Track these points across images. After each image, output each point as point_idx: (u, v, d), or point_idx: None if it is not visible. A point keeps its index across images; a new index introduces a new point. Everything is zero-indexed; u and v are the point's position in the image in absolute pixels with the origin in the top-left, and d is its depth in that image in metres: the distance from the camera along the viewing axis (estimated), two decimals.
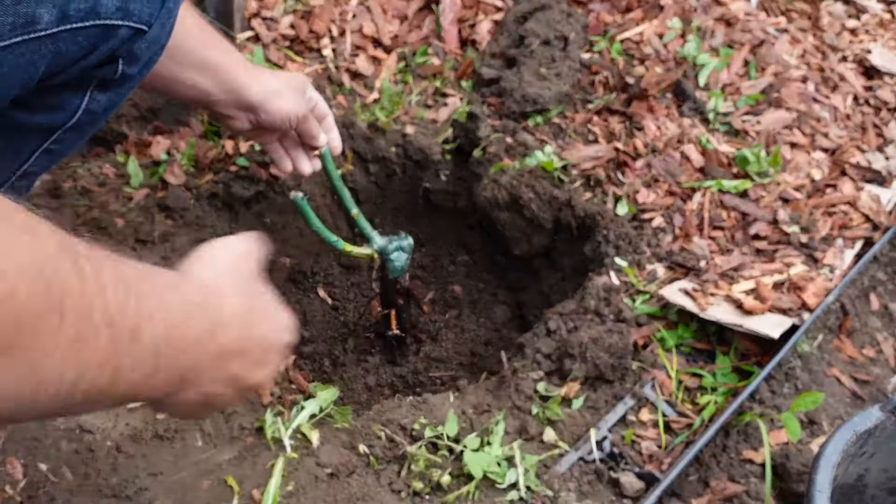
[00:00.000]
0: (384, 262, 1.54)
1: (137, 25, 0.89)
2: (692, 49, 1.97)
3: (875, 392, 1.49)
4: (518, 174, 1.77)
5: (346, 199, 1.44)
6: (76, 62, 0.87)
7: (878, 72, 2.08)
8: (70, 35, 0.84)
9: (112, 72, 0.91)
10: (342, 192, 1.43)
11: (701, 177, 1.75)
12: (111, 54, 0.89)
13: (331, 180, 1.42)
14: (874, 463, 1.16)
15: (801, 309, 1.46)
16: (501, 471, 1.25)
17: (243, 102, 1.25)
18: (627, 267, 1.59)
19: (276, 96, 1.27)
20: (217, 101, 1.23)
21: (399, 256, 1.52)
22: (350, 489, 1.23)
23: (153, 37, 0.92)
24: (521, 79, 1.86)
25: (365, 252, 1.49)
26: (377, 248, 1.50)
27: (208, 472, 1.24)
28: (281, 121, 1.30)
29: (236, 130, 1.35)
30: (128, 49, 0.90)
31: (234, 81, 1.22)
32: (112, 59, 0.90)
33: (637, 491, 1.25)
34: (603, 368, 1.39)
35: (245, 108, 1.27)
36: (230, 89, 1.22)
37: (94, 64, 0.88)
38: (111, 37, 0.87)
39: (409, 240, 1.54)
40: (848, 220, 1.69)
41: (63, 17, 0.82)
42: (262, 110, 1.27)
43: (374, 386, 1.75)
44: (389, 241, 1.51)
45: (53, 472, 1.19)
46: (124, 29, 0.87)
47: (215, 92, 1.21)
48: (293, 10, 2.03)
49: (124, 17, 0.87)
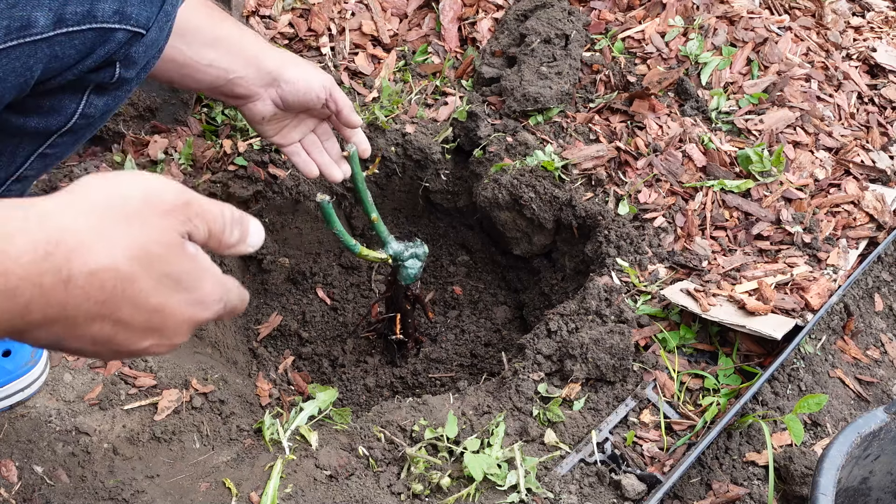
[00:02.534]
0: (397, 267, 1.53)
1: (135, 29, 0.87)
2: (694, 47, 1.96)
3: (880, 394, 1.47)
4: (518, 174, 1.76)
5: (367, 202, 1.40)
6: (72, 66, 0.85)
7: (883, 70, 2.07)
8: (66, 39, 0.82)
9: (109, 75, 0.90)
10: (365, 195, 1.39)
11: (703, 176, 1.74)
12: (108, 58, 0.87)
13: (355, 183, 1.37)
14: (879, 465, 1.15)
15: (804, 310, 1.44)
16: (502, 473, 1.24)
17: (263, 72, 1.18)
18: (629, 267, 1.58)
19: (294, 64, 1.21)
20: (236, 78, 1.17)
21: (413, 264, 1.52)
22: (349, 491, 1.22)
23: (151, 40, 0.90)
24: (522, 77, 1.85)
25: (380, 256, 1.48)
26: (392, 253, 1.49)
27: (206, 475, 1.23)
28: (306, 89, 1.22)
29: (260, 117, 1.25)
30: (125, 53, 0.88)
31: (249, 51, 1.16)
32: (109, 63, 0.89)
33: (638, 493, 1.24)
34: (604, 369, 1.38)
35: (266, 82, 1.20)
36: (247, 60, 1.16)
37: (91, 68, 0.87)
38: (108, 40, 0.86)
39: (425, 248, 1.52)
40: (852, 220, 1.68)
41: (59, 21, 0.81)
42: (283, 80, 1.20)
43: (374, 387, 1.74)
44: (406, 247, 1.50)
45: (49, 474, 1.18)
46: (121, 32, 0.86)
47: (233, 67, 1.15)
48: (291, 7, 2.02)
49: (121, 20, 0.85)
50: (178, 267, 0.60)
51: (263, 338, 1.83)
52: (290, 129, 1.32)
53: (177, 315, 0.62)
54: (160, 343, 0.63)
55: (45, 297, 0.55)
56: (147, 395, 1.30)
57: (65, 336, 0.59)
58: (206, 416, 1.31)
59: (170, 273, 0.60)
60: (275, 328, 1.85)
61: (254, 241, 0.68)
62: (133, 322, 0.60)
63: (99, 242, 0.56)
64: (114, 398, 1.28)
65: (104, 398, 1.28)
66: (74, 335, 0.59)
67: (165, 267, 0.60)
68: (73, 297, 0.56)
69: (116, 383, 1.31)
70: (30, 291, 0.54)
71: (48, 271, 0.54)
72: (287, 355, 1.77)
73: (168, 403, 1.29)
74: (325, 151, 1.36)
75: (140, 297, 0.59)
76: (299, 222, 1.89)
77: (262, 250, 1.84)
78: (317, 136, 1.36)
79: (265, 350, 1.78)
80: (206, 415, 1.31)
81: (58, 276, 0.55)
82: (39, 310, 0.55)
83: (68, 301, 0.56)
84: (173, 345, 0.65)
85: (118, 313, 0.59)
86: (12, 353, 1.22)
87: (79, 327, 0.58)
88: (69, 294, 0.55)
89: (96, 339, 0.60)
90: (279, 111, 1.27)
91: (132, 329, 0.61)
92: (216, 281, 0.65)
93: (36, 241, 0.54)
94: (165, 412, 1.28)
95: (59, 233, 0.55)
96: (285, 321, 1.86)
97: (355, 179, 1.37)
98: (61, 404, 1.26)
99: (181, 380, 1.34)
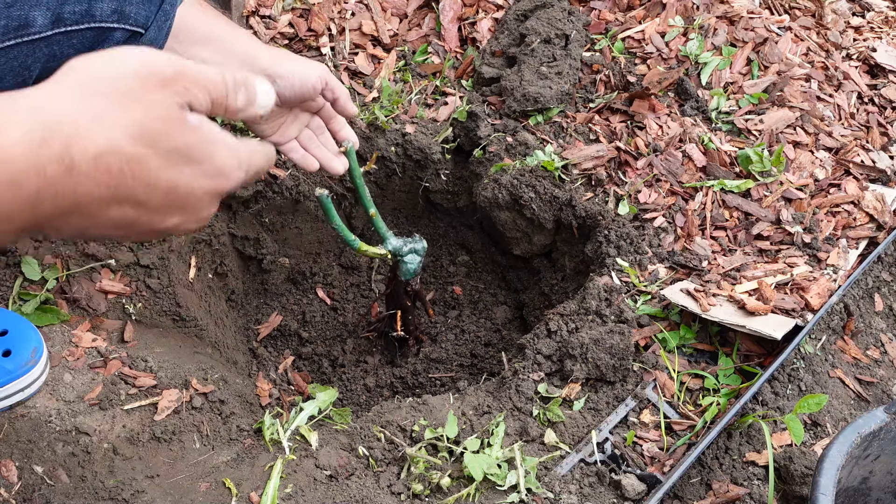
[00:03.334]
0: (397, 263, 1.53)
1: (133, 28, 0.87)
2: (694, 47, 1.96)
3: (879, 394, 1.47)
4: (518, 174, 1.76)
5: (365, 197, 1.41)
6: None
7: (883, 70, 2.07)
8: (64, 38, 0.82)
9: None
10: (363, 190, 1.40)
11: (703, 176, 1.74)
12: None
13: (353, 178, 1.39)
14: (879, 465, 1.15)
15: (804, 310, 1.44)
16: (502, 473, 1.24)
17: (257, 70, 1.16)
18: (629, 267, 1.58)
19: (288, 60, 1.21)
20: None
21: (413, 259, 1.52)
22: (349, 491, 1.22)
23: (149, 39, 0.90)
24: (522, 77, 1.85)
25: (380, 252, 1.48)
26: (391, 248, 1.49)
27: (206, 475, 1.23)
28: (301, 82, 1.21)
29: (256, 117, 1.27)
30: None
31: (242, 49, 1.16)
32: None
33: (638, 493, 1.24)
34: (604, 369, 1.38)
35: None
36: (241, 59, 1.15)
37: None
38: (106, 40, 0.86)
39: (423, 243, 1.52)
40: (852, 220, 1.68)
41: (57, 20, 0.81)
42: (277, 76, 1.19)
43: (374, 387, 1.74)
44: (404, 242, 1.51)
45: (49, 474, 1.18)
46: (120, 32, 0.86)
47: (226, 66, 1.13)
48: (291, 7, 2.02)
49: (120, 19, 0.85)
50: (182, 140, 0.59)
51: (263, 338, 1.83)
52: (287, 126, 1.32)
53: (195, 189, 0.61)
54: (187, 219, 0.63)
55: (53, 187, 0.54)
56: (147, 395, 1.30)
57: (86, 225, 0.58)
58: (206, 416, 1.31)
59: (175, 148, 0.59)
60: (275, 328, 1.85)
61: (263, 101, 0.66)
62: (151, 202, 0.59)
63: (96, 125, 0.55)
64: (114, 398, 1.28)
65: (104, 398, 1.28)
66: (95, 223, 0.58)
67: (170, 142, 0.58)
68: (81, 185, 0.55)
69: (116, 383, 1.31)
70: (35, 182, 0.53)
71: (50, 160, 0.53)
72: (287, 355, 1.77)
73: (168, 403, 1.29)
74: (322, 146, 1.36)
75: (151, 177, 0.58)
76: (299, 222, 1.89)
77: (263, 250, 1.84)
78: (312, 132, 1.36)
79: (265, 350, 1.78)
80: (206, 415, 1.31)
81: (60, 164, 0.54)
82: (50, 200, 0.55)
83: (77, 189, 0.55)
84: (202, 219, 0.64)
85: (135, 195, 0.58)
86: (12, 353, 1.22)
87: (97, 215, 0.57)
88: (76, 182, 0.55)
89: (119, 223, 0.59)
90: (276, 108, 1.26)
91: (153, 209, 0.60)
92: (229, 149, 0.63)
93: (32, 131, 0.53)
94: (165, 412, 1.28)
95: (53, 121, 0.54)
96: (285, 321, 1.86)
97: (353, 175, 1.37)
98: (61, 404, 1.26)
99: (181, 380, 1.34)
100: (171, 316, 1.50)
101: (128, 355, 1.35)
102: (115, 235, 0.61)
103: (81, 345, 1.34)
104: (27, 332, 1.25)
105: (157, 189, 0.59)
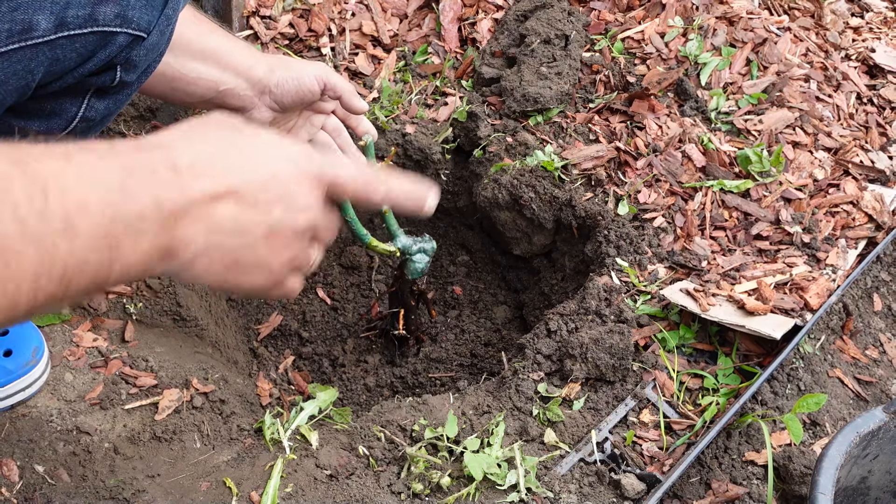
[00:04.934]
0: (405, 261, 1.53)
1: (136, 32, 0.87)
2: (694, 48, 1.96)
3: (878, 393, 1.48)
4: (518, 174, 1.76)
5: None
6: (74, 69, 0.85)
7: (882, 70, 2.07)
8: (68, 42, 0.82)
9: (110, 79, 0.90)
10: None
11: (702, 176, 1.74)
12: (109, 61, 0.87)
13: None
14: (878, 465, 1.16)
15: (803, 309, 1.45)
16: (502, 472, 1.24)
17: (254, 81, 1.17)
18: (628, 267, 1.58)
19: (283, 67, 1.19)
20: (226, 90, 1.15)
21: (421, 258, 1.52)
22: (349, 490, 1.22)
23: (152, 43, 0.90)
24: (522, 78, 1.85)
25: (389, 249, 1.48)
26: (401, 246, 1.49)
27: (207, 474, 1.23)
28: (297, 86, 1.19)
29: (259, 124, 1.20)
30: (126, 56, 0.88)
31: (238, 61, 1.15)
32: (110, 66, 0.89)
33: (638, 492, 1.25)
34: (604, 369, 1.38)
35: (259, 90, 1.18)
36: (237, 71, 1.15)
37: (92, 71, 0.87)
38: (109, 44, 0.86)
39: (433, 243, 1.52)
40: (851, 220, 1.68)
41: (61, 24, 0.81)
42: (272, 84, 1.18)
43: (374, 387, 1.74)
44: (414, 241, 1.51)
45: (50, 474, 1.18)
46: (123, 36, 0.86)
47: (222, 79, 1.14)
48: (292, 8, 2.02)
49: (123, 23, 0.85)
50: None
51: (264, 337, 1.83)
52: (297, 130, 1.31)
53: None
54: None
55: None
56: (148, 394, 1.31)
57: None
58: (206, 415, 1.31)
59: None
60: (275, 328, 1.85)
61: None
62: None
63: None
64: (114, 398, 1.29)
65: (105, 398, 1.28)
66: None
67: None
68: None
69: (117, 383, 1.31)
70: None
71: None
72: (287, 355, 1.78)
73: (169, 403, 1.30)
74: (338, 149, 1.34)
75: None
76: None
77: None
78: (328, 134, 1.34)
79: (265, 350, 1.79)
80: (207, 414, 1.32)
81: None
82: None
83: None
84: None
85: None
86: (13, 352, 1.23)
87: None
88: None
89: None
90: (279, 114, 1.25)
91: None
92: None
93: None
94: (166, 412, 1.28)
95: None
96: (285, 321, 1.86)
97: None
98: (62, 404, 1.26)
99: (182, 379, 1.35)
100: (172, 316, 1.50)
101: (128, 355, 1.35)
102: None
103: (82, 344, 1.34)
104: (28, 331, 1.25)
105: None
